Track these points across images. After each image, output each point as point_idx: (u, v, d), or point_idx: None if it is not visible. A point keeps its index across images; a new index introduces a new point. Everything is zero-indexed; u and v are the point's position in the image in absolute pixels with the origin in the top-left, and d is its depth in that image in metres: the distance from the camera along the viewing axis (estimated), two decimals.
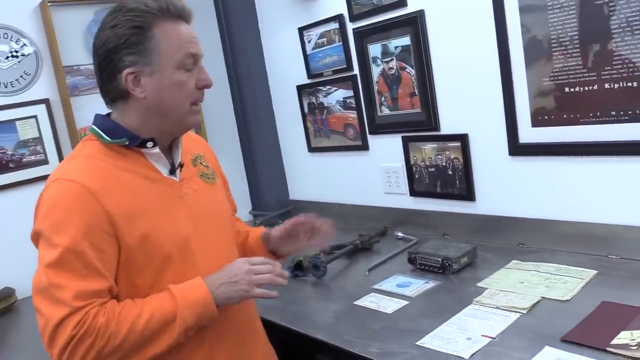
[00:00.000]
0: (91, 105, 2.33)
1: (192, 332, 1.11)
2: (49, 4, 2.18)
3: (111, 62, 1.11)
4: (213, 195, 1.32)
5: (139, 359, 1.06)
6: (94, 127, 1.18)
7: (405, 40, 2.00)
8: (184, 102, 1.16)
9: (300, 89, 2.51)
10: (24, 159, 2.21)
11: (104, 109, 2.40)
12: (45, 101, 2.24)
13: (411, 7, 1.96)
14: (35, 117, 2.23)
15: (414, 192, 2.15)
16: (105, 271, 1.07)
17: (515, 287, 1.52)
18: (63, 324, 1.01)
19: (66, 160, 1.18)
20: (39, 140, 2.24)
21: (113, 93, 1.15)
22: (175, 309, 1.07)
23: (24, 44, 2.21)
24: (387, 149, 2.21)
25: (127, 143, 1.16)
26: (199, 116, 1.24)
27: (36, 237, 1.10)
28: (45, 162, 2.24)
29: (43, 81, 2.25)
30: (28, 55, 2.22)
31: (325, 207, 2.58)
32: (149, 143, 1.17)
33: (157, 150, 1.18)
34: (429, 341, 1.32)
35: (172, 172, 1.22)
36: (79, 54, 2.31)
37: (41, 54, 2.23)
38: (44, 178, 2.22)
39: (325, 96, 2.41)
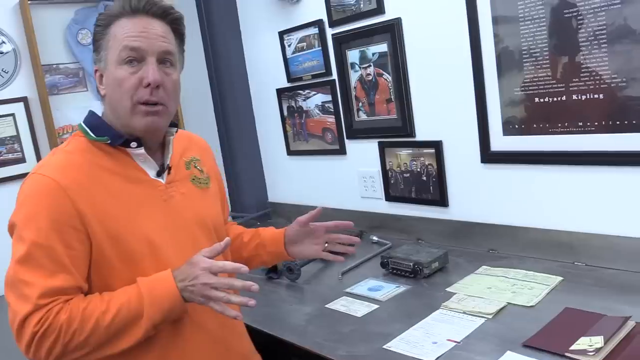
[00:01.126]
0: (70, 104, 2.34)
1: (163, 326, 1.11)
2: (29, 2, 2.17)
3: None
4: (202, 200, 1.30)
5: (109, 352, 1.07)
6: (81, 123, 1.19)
7: (383, 47, 2.03)
8: (125, 99, 1.12)
9: (280, 92, 2.53)
10: (1, 157, 2.20)
11: (82, 108, 2.41)
12: (24, 99, 2.23)
13: (389, 14, 1.99)
14: (12, 115, 2.22)
15: (389, 197, 2.18)
16: (74, 268, 1.07)
17: (482, 293, 1.55)
18: (27, 321, 1.03)
19: (48, 156, 1.19)
20: (16, 138, 2.23)
21: (97, 90, 1.20)
22: (142, 306, 1.06)
23: (3, 42, 2.20)
24: (364, 154, 2.24)
25: (109, 142, 1.16)
26: (155, 119, 1.15)
27: (10, 230, 1.11)
28: (22, 160, 2.24)
29: (21, 79, 2.24)
30: (7, 53, 2.21)
31: (302, 210, 2.56)
32: (132, 143, 1.16)
33: (141, 150, 1.18)
34: (395, 345, 1.35)
35: (160, 174, 1.22)
36: (58, 52, 2.31)
37: (20, 52, 2.23)
38: (20, 176, 2.22)
39: (304, 100, 2.43)
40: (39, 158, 2.26)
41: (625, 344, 1.20)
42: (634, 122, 1.48)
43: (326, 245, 1.46)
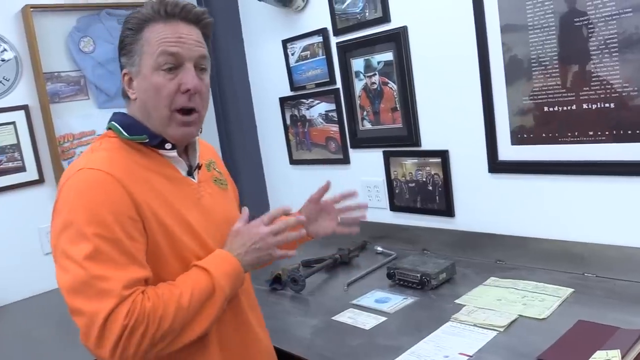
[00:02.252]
0: (71, 113, 2.31)
1: (227, 303, 1.11)
2: (31, 9, 2.15)
3: (119, 61, 1.16)
4: (226, 201, 1.31)
5: (188, 338, 1.04)
6: (113, 122, 1.16)
7: (388, 56, 2.01)
8: (162, 108, 1.11)
9: (283, 101, 2.51)
10: (1, 166, 2.17)
11: (83, 117, 2.37)
12: (25, 107, 2.20)
13: (394, 23, 1.98)
14: (13, 123, 2.19)
15: (394, 207, 2.16)
16: (142, 259, 1.05)
17: (492, 305, 1.52)
18: (113, 316, 0.96)
19: (86, 154, 1.14)
20: (16, 147, 2.20)
21: (124, 92, 1.17)
22: (212, 281, 1.07)
23: (4, 49, 2.18)
24: (368, 163, 2.22)
25: (147, 141, 1.14)
26: (191, 129, 1.16)
27: (61, 233, 1.02)
28: (22, 169, 2.20)
29: (22, 87, 2.21)
30: (8, 60, 2.18)
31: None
32: (167, 144, 1.16)
33: (174, 153, 1.17)
34: (406, 359, 1.32)
35: (190, 173, 1.21)
36: (60, 60, 2.29)
37: (21, 59, 2.20)
38: (21, 185, 2.20)
39: (307, 109, 2.41)
40: (39, 167, 2.24)
41: None
42: None
43: (340, 220, 1.52)
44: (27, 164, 2.22)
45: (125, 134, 1.14)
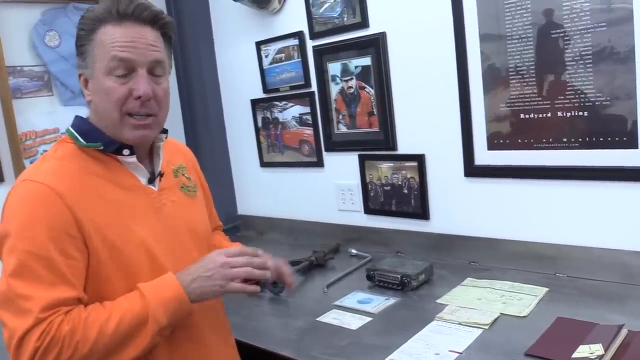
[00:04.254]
0: (34, 109, 2.22)
1: (168, 332, 1.06)
2: None
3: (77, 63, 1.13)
4: (192, 209, 1.27)
5: None
6: (70, 128, 1.14)
7: (366, 61, 2.04)
8: (112, 110, 1.08)
9: (255, 103, 2.50)
10: None
11: (46, 114, 2.28)
12: None
13: (373, 28, 2.01)
14: None
15: (368, 210, 2.19)
16: (73, 278, 1.01)
17: (474, 304, 1.57)
18: (27, 336, 0.95)
19: (37, 162, 1.13)
20: None
21: (83, 94, 1.14)
22: (146, 309, 1.02)
23: None
24: (343, 167, 2.24)
25: (102, 148, 1.10)
26: (146, 131, 1.12)
27: (0, 242, 1.02)
28: None
29: None
30: None
31: (275, 223, 2.57)
32: (125, 150, 1.12)
33: (133, 159, 1.13)
34: (398, 357, 1.34)
35: (152, 181, 1.17)
36: (23, 54, 2.19)
37: None
38: None
39: (280, 111, 2.41)
40: None
41: (622, 351, 1.24)
42: (616, 138, 1.55)
43: None
44: None
45: (82, 141, 1.11)
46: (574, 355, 1.24)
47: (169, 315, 1.05)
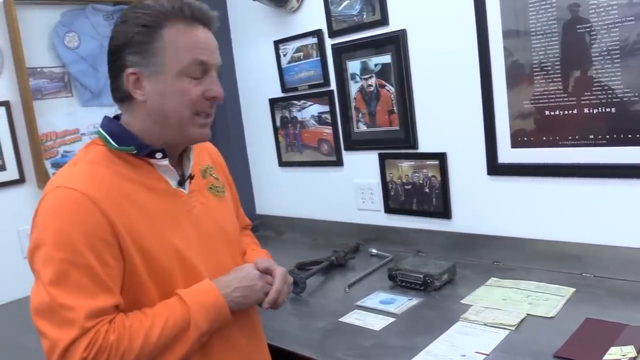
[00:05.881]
0: (55, 110, 2.23)
1: (206, 338, 1.06)
2: (15, 1, 2.06)
3: (117, 59, 1.06)
4: (221, 209, 1.25)
5: None
6: (101, 130, 1.11)
7: (386, 59, 2.02)
8: (184, 111, 1.07)
9: (273, 102, 2.49)
10: None
11: (66, 114, 2.29)
12: (5, 104, 2.11)
13: (393, 26, 1.99)
14: None
15: (388, 209, 2.16)
16: (113, 286, 0.99)
17: (499, 304, 1.54)
18: (73, 347, 0.93)
19: (68, 166, 1.09)
20: None
21: (118, 93, 1.09)
22: (188, 315, 1.02)
23: None
24: (363, 166, 2.22)
25: (135, 152, 1.09)
26: (208, 130, 1.14)
27: (33, 252, 0.99)
28: (2, 168, 2.10)
29: (4, 82, 2.11)
30: None
31: (294, 222, 2.56)
32: (157, 154, 1.10)
33: (166, 162, 1.12)
34: (423, 358, 1.32)
35: (182, 183, 1.16)
36: (44, 55, 2.20)
37: (3, 54, 2.10)
38: (0, 185, 2.09)
39: (299, 110, 2.40)
40: (20, 166, 2.14)
41: None
42: None
43: None
44: (8, 163, 2.12)
45: (113, 144, 1.09)
46: (605, 357, 1.21)
47: (209, 322, 1.05)
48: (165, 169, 1.13)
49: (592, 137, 1.61)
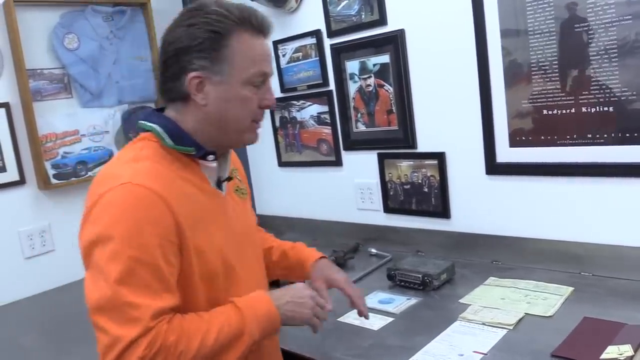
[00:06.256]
0: (55, 112, 2.23)
1: (256, 347, 1.07)
2: (15, 3, 2.07)
3: (178, 61, 1.05)
4: (245, 211, 1.27)
5: None
6: (155, 127, 1.09)
7: (385, 58, 2.02)
8: (246, 118, 1.10)
9: None
10: None
11: (66, 116, 2.28)
12: (5, 105, 2.11)
13: (391, 25, 1.99)
14: None
15: (388, 209, 2.17)
16: (174, 286, 1.01)
17: (497, 304, 1.54)
18: (135, 345, 0.92)
19: (128, 161, 1.06)
20: None
21: (173, 93, 1.09)
22: (242, 323, 1.03)
23: None
24: (362, 165, 2.22)
25: (194, 153, 1.09)
26: (258, 135, 1.17)
27: (95, 245, 0.97)
28: (2, 169, 2.11)
29: (4, 84, 2.12)
30: None
31: (293, 222, 2.56)
32: (210, 156, 1.11)
33: (215, 164, 1.13)
34: (421, 358, 1.32)
35: (219, 185, 1.17)
36: (43, 57, 2.21)
37: (3, 55, 2.11)
38: (0, 186, 2.10)
39: (298, 111, 2.40)
40: (20, 167, 2.15)
41: None
42: None
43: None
44: (8, 164, 2.13)
45: (170, 142, 1.08)
46: (602, 356, 1.21)
47: (261, 331, 1.06)
48: (210, 170, 1.14)
49: (590, 136, 1.61)
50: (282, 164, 2.55)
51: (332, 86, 2.23)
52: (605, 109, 1.56)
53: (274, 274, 1.46)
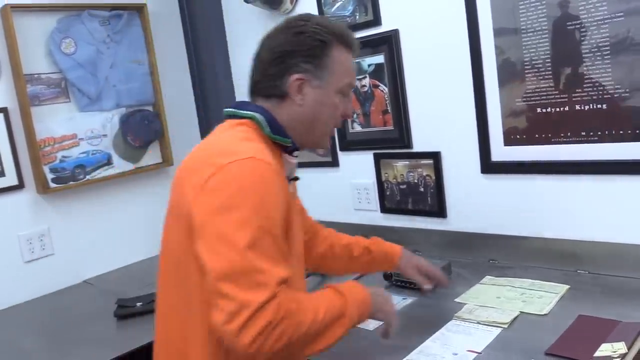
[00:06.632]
0: (53, 116, 2.25)
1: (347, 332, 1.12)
2: (12, 9, 2.09)
3: (284, 62, 1.15)
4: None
5: (312, 350, 1.05)
6: (256, 115, 1.15)
7: (379, 59, 2.03)
8: (332, 122, 1.22)
9: None
10: None
11: (65, 120, 2.29)
12: (3, 110, 2.13)
13: (385, 26, 2.00)
14: None
15: (384, 209, 2.17)
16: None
17: (493, 303, 1.55)
18: (263, 309, 0.95)
19: (241, 139, 1.11)
20: None
21: (271, 90, 1.17)
22: (345, 306, 1.09)
23: None
24: (358, 166, 2.23)
25: (289, 145, 1.18)
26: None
27: (218, 213, 1.00)
28: (1, 174, 2.12)
29: (1, 89, 2.13)
30: None
31: None
32: (296, 152, 1.21)
33: (295, 160, 1.21)
34: (415, 358, 1.32)
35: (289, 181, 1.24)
36: (41, 62, 2.22)
37: (0, 60, 2.12)
38: (0, 191, 2.11)
39: None
40: (19, 172, 2.16)
41: None
42: (637, 131, 1.51)
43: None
44: (6, 169, 2.14)
45: (269, 131, 1.15)
46: (596, 354, 1.21)
47: (359, 315, 1.13)
48: (288, 165, 1.21)
49: (584, 134, 1.61)
50: None
51: None
52: (599, 106, 1.56)
53: (352, 268, 1.61)
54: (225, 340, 0.97)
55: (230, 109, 1.21)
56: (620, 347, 1.21)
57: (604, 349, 1.22)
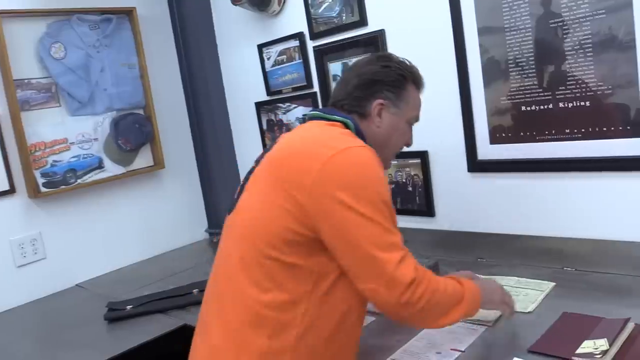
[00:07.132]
0: (44, 121, 2.25)
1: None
2: (1, 14, 2.09)
3: (371, 87, 1.29)
4: None
5: (437, 323, 1.17)
6: (348, 121, 1.26)
7: None
8: (398, 147, 1.37)
9: (259, 105, 2.51)
10: None
11: (55, 125, 2.29)
12: None
13: (372, 26, 2.00)
14: None
15: None
16: None
17: None
18: (405, 261, 1.09)
19: (343, 134, 1.22)
20: None
21: (355, 107, 1.29)
22: (462, 291, 1.19)
23: None
24: None
25: None
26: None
27: (346, 189, 1.09)
28: None
29: None
30: None
31: None
32: None
33: None
34: (399, 357, 1.33)
35: None
36: (30, 67, 2.22)
37: None
38: None
39: (284, 113, 2.41)
40: (10, 177, 2.17)
41: (629, 345, 1.21)
42: (620, 128, 1.52)
43: None
44: None
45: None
46: (578, 351, 1.21)
47: (473, 303, 1.22)
48: None
49: (568, 131, 1.61)
50: None
51: (316, 88, 2.25)
52: (582, 103, 1.57)
53: None
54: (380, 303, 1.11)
55: (318, 112, 1.32)
56: (602, 344, 1.21)
57: (586, 346, 1.22)
